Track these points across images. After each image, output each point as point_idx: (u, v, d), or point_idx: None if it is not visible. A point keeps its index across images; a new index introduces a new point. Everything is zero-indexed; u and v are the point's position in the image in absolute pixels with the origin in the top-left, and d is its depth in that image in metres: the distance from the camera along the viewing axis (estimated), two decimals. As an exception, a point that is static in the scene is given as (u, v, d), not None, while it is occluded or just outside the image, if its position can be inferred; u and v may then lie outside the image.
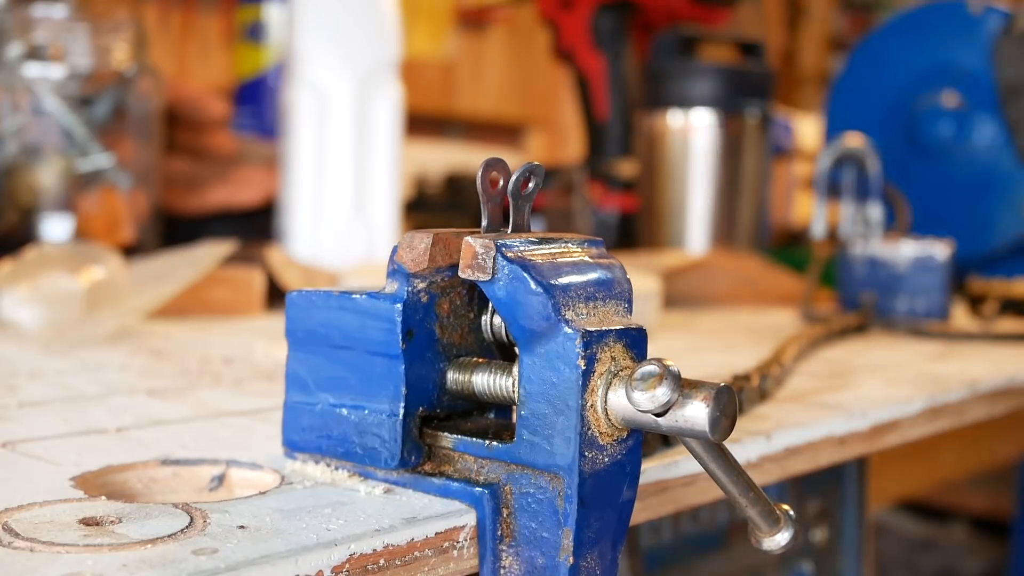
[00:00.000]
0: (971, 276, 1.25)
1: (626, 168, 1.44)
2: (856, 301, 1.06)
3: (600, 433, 0.36)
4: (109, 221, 1.00)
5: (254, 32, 1.34)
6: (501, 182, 0.39)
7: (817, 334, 0.82)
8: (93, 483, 0.40)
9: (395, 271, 0.39)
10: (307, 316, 0.42)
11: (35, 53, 0.96)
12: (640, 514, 0.44)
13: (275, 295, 0.94)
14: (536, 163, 0.39)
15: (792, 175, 1.84)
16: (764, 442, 0.51)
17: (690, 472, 0.46)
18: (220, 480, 0.43)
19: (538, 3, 1.56)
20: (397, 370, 0.39)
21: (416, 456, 0.39)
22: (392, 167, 1.09)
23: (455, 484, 0.38)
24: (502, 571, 0.37)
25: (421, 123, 2.00)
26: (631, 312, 0.38)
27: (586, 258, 0.38)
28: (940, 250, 1.04)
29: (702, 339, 0.91)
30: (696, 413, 0.34)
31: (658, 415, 0.35)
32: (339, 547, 0.33)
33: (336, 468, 0.41)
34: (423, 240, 0.38)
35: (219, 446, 0.46)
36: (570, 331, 0.35)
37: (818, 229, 1.14)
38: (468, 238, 0.37)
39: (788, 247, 1.70)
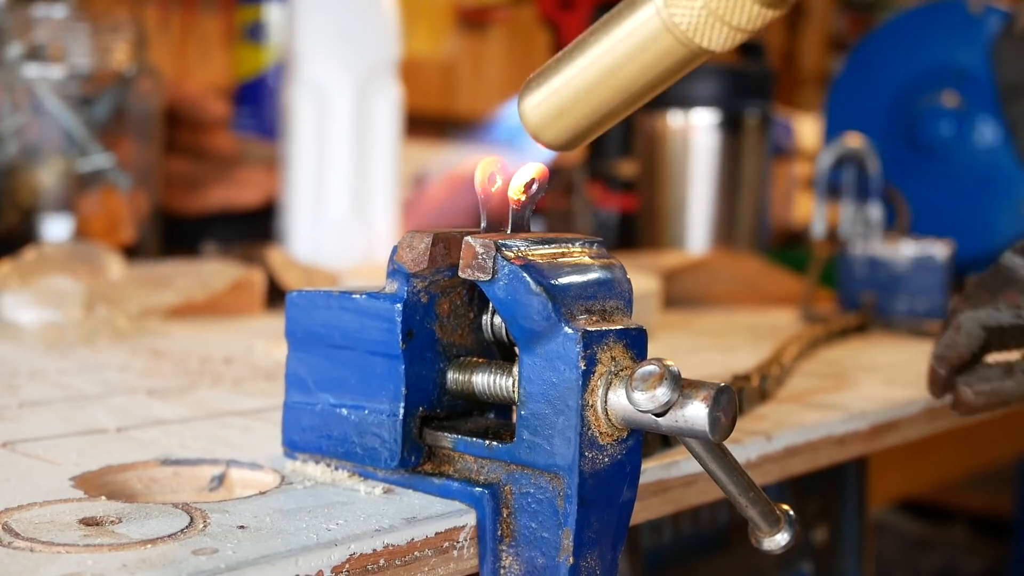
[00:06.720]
0: (971, 276, 1.24)
1: (626, 168, 1.44)
2: (856, 301, 1.06)
3: (600, 433, 0.36)
4: (109, 221, 1.00)
5: (254, 32, 1.34)
6: (501, 182, 0.39)
7: (817, 334, 0.82)
8: (93, 483, 0.40)
9: (395, 271, 0.39)
10: (307, 316, 0.42)
11: (35, 53, 0.96)
12: (640, 514, 0.44)
13: (275, 295, 0.94)
14: (536, 162, 0.39)
15: (792, 175, 1.84)
16: (764, 442, 0.51)
17: (690, 472, 0.46)
18: (220, 480, 0.43)
19: (538, 3, 1.56)
20: (397, 370, 0.39)
21: (416, 456, 0.39)
22: (392, 167, 1.09)
23: (455, 484, 0.38)
24: (502, 571, 0.37)
25: (421, 123, 2.00)
26: (631, 312, 0.38)
27: (586, 258, 0.38)
28: (940, 250, 1.04)
29: (702, 339, 0.91)
30: (696, 413, 0.34)
31: (658, 415, 0.35)
32: (339, 547, 0.33)
33: (336, 468, 0.41)
34: (423, 240, 0.38)
35: (219, 446, 0.46)
36: (570, 331, 0.35)
37: (818, 229, 1.14)
38: (468, 238, 0.37)
39: (788, 247, 1.70)
